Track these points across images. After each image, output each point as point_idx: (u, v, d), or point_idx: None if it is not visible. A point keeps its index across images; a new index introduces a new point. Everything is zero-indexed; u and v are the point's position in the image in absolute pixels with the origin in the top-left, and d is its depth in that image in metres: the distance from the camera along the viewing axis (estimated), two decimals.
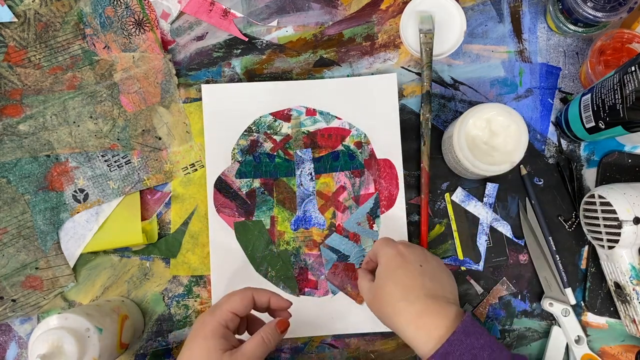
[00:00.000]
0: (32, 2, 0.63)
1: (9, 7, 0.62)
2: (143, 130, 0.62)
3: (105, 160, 0.61)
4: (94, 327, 0.50)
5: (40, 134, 0.61)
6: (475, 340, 0.45)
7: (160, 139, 0.63)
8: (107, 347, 0.51)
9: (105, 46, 0.63)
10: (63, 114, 0.61)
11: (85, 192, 0.61)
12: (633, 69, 0.48)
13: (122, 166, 0.61)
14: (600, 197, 0.56)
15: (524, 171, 0.63)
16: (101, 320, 0.52)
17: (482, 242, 0.63)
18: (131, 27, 0.63)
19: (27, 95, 0.62)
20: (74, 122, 0.61)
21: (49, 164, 0.61)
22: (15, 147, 0.61)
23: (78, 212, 0.61)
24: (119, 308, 0.56)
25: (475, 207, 0.63)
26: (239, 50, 0.65)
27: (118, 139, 0.62)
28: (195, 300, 0.61)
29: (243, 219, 0.62)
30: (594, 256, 0.62)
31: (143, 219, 0.62)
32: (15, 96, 0.62)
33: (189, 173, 0.63)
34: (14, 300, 0.60)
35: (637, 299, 0.56)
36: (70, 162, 0.61)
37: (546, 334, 0.62)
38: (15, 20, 0.62)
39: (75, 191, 0.61)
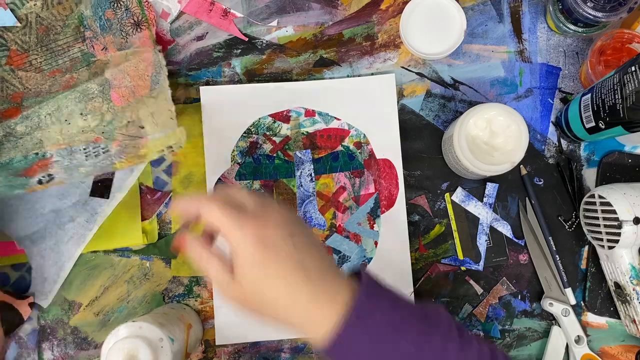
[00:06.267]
0: (34, 5, 0.63)
1: (11, 10, 0.62)
2: (128, 121, 0.60)
3: (85, 152, 0.59)
4: (167, 337, 0.49)
5: (35, 134, 0.60)
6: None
7: (142, 127, 0.60)
8: (176, 357, 0.50)
9: (104, 48, 0.63)
10: (57, 113, 0.60)
11: (53, 176, 0.57)
12: (633, 69, 0.48)
13: (99, 155, 0.59)
14: (600, 197, 0.56)
15: (524, 171, 0.63)
16: (171, 330, 0.51)
17: (482, 242, 0.63)
18: (129, 28, 0.63)
19: (27, 98, 0.62)
20: (66, 120, 0.60)
21: (35, 161, 0.59)
22: (11, 148, 0.60)
23: (34, 191, 0.57)
24: (183, 317, 0.56)
25: (475, 207, 0.63)
26: (239, 50, 0.65)
27: (103, 132, 0.60)
28: (196, 300, 0.62)
29: None
30: (594, 256, 0.62)
31: (143, 219, 0.62)
32: (16, 99, 0.62)
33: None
34: None
35: (637, 299, 0.56)
36: (55, 157, 0.59)
37: (546, 334, 0.62)
38: (18, 24, 0.62)
39: (43, 176, 0.57)
